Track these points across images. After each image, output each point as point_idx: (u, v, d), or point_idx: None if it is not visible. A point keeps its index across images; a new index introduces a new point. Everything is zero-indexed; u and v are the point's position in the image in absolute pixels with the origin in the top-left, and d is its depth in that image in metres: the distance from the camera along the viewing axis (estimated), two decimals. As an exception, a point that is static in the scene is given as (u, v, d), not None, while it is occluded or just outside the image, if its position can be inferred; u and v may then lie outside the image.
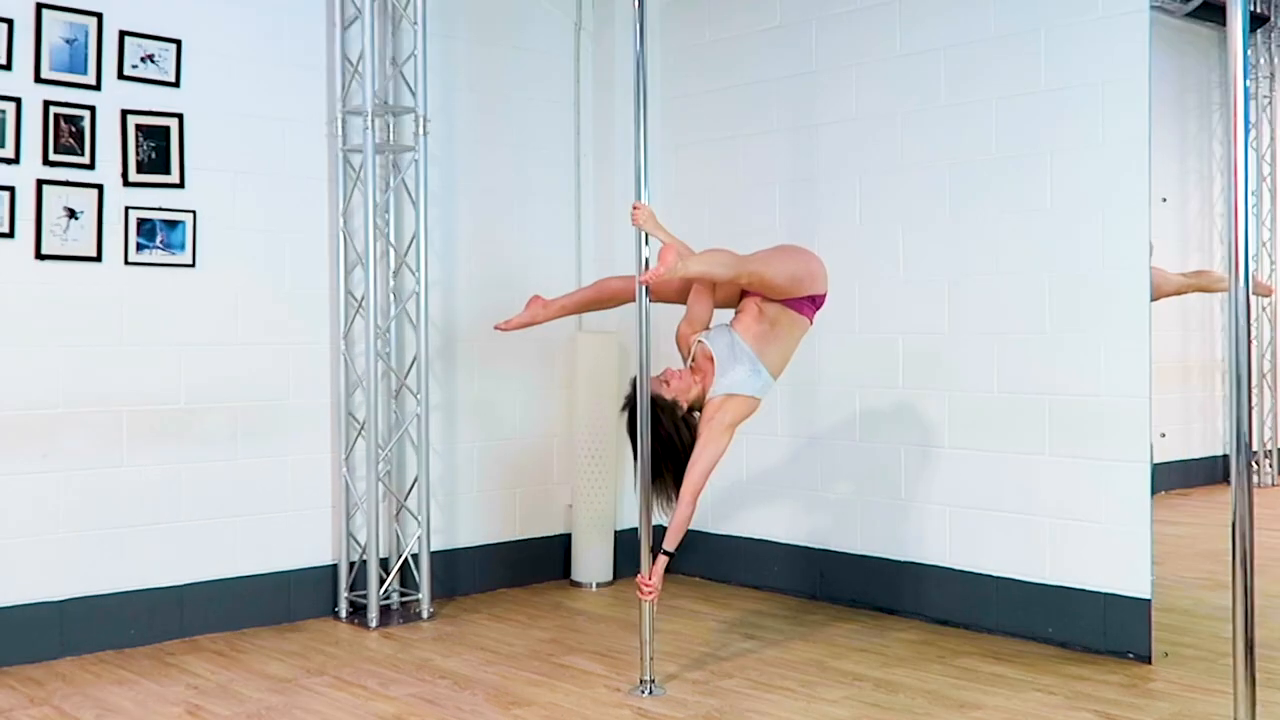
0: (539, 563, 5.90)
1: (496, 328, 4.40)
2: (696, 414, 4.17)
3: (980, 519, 4.89)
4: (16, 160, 4.47)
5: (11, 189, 4.46)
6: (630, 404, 4.18)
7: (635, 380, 4.15)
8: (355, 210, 5.24)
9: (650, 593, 4.10)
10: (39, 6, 4.51)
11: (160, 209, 4.79)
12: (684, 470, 4.10)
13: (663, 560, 4.11)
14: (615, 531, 5.89)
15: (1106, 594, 4.50)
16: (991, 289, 4.85)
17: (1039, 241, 4.70)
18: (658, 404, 4.10)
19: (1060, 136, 4.63)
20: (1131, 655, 4.43)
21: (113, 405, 4.69)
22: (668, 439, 4.11)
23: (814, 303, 4.22)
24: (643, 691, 4.11)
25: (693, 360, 4.17)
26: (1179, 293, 5.31)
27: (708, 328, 4.23)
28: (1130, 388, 4.43)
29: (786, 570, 5.59)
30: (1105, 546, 4.51)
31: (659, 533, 4.13)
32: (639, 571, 4.17)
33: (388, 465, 5.33)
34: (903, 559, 5.15)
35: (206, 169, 4.90)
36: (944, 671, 4.35)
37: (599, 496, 5.79)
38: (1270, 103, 5.75)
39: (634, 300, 4.17)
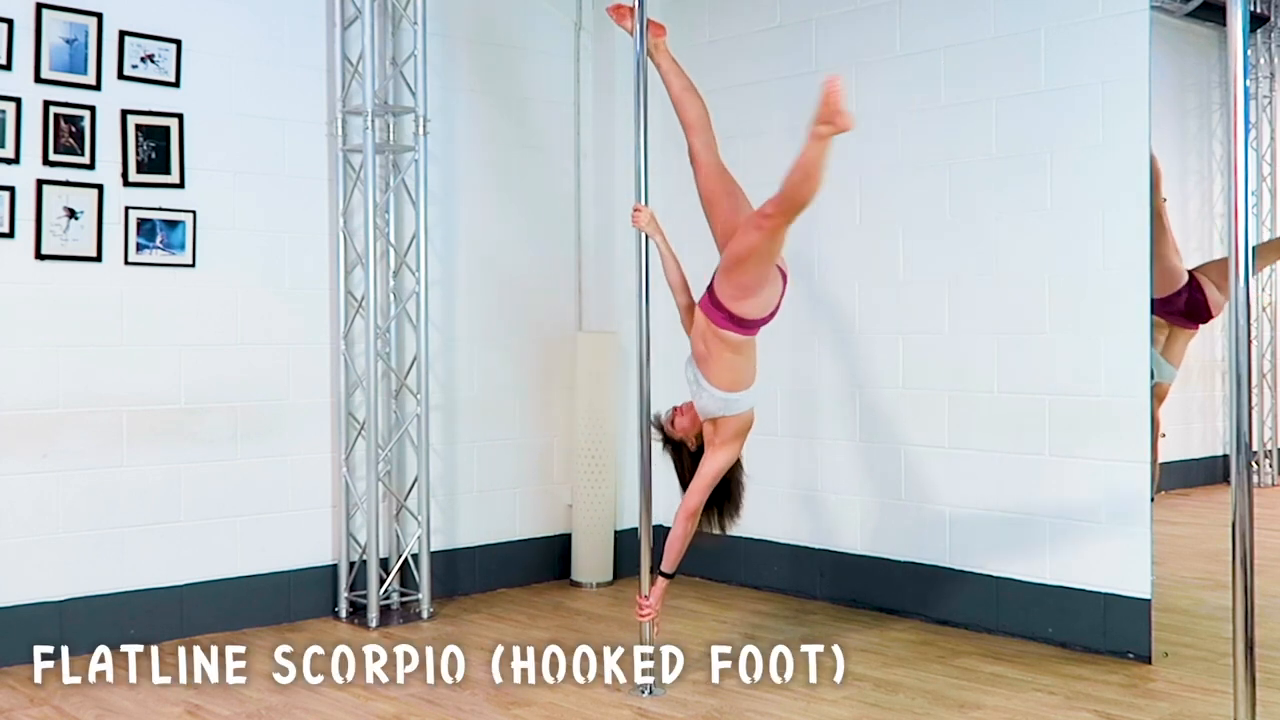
0: (539, 563, 5.90)
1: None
2: None
3: (980, 519, 4.89)
4: (16, 160, 4.47)
5: (11, 189, 4.46)
6: (664, 437, 4.31)
7: (656, 414, 4.29)
8: (355, 210, 5.24)
9: (649, 613, 4.14)
10: (39, 6, 4.51)
11: (160, 209, 4.79)
12: (722, 500, 4.26)
13: (662, 582, 4.18)
14: (615, 531, 5.89)
15: (1106, 594, 4.50)
16: (991, 289, 4.85)
17: (1039, 241, 4.70)
18: (670, 442, 4.29)
19: (1060, 136, 4.63)
20: (1131, 655, 4.43)
21: (113, 405, 4.69)
22: (687, 475, 4.27)
23: (750, 326, 4.07)
24: (643, 691, 4.11)
25: None
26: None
27: None
28: (1130, 388, 4.42)
29: (786, 570, 5.59)
30: (1105, 546, 4.51)
31: (660, 534, 4.13)
32: (639, 572, 4.18)
33: (388, 465, 5.32)
34: (903, 559, 5.14)
35: (206, 169, 4.90)
36: (944, 671, 4.34)
37: (599, 496, 5.78)
38: (1270, 103, 5.74)
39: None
